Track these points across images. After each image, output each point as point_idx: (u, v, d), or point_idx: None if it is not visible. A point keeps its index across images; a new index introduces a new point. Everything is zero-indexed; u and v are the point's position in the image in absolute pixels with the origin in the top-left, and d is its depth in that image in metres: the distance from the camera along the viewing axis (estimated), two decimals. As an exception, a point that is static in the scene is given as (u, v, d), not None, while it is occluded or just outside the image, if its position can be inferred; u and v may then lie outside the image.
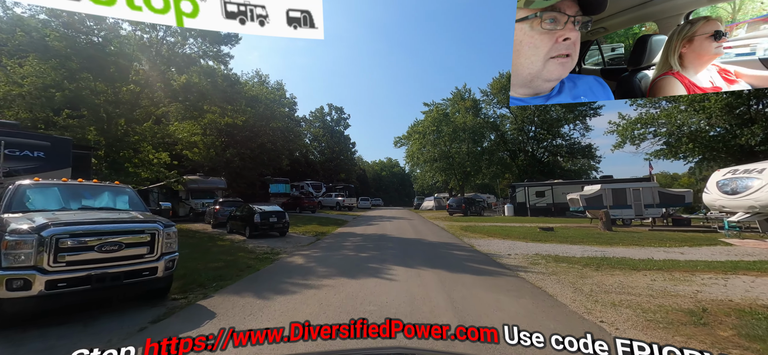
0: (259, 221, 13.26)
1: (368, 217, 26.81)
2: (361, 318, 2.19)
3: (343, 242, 12.47)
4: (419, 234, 14.91)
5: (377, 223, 21.01)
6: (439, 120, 36.58)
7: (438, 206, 39.71)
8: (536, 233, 15.37)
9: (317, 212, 29.87)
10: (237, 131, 26.78)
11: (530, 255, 9.89)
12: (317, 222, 20.18)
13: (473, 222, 22.03)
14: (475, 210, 29.51)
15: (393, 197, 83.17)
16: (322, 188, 41.16)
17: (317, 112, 65.12)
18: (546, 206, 27.67)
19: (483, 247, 11.55)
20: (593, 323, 4.41)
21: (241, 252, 9.98)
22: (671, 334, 4.04)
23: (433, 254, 9.66)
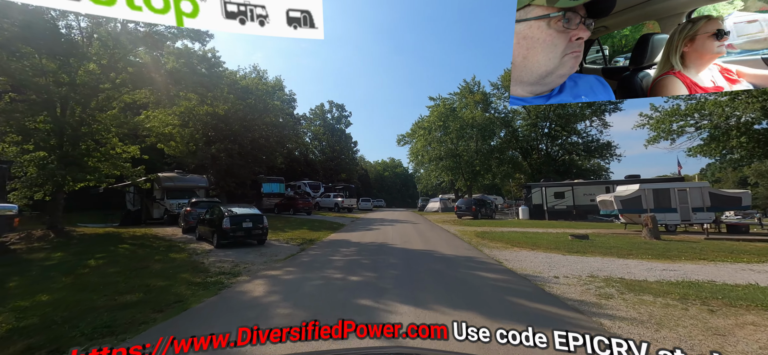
0: (228, 226, 10.62)
1: (368, 219, 24.14)
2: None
3: (332, 254, 9.79)
4: (428, 243, 12.21)
5: (378, 227, 18.33)
6: (445, 115, 33.81)
7: (444, 208, 36.94)
8: (568, 242, 12.65)
9: (313, 214, 27.25)
10: (224, 124, 24.22)
11: (584, 278, 7.18)
12: (309, 226, 17.54)
13: (487, 226, 19.28)
14: (486, 212, 26.74)
15: (396, 198, 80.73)
16: (320, 188, 38.58)
17: (317, 110, 62.60)
18: (566, 208, 24.85)
19: (513, 263, 8.82)
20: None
21: (189, 271, 7.34)
22: None
23: (451, 279, 6.93)
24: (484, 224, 20.61)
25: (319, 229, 16.69)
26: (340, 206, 32.64)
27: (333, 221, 21.17)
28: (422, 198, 44.97)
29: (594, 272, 7.78)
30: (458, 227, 19.35)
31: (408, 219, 24.68)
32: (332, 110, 62.92)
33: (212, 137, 25.26)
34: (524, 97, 3.10)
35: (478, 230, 17.37)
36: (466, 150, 34.13)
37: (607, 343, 1.80)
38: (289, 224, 18.50)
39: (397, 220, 23.63)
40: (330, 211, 32.84)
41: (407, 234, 14.95)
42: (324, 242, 12.49)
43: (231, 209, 11.44)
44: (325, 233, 15.13)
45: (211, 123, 24.30)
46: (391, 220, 23.49)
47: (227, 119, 24.72)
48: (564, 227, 19.13)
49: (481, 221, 23.05)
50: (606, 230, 17.27)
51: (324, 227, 17.88)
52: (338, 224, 19.93)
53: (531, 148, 35.61)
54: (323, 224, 19.36)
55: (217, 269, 7.68)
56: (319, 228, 16.99)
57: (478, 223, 21.68)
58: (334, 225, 18.95)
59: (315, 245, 11.92)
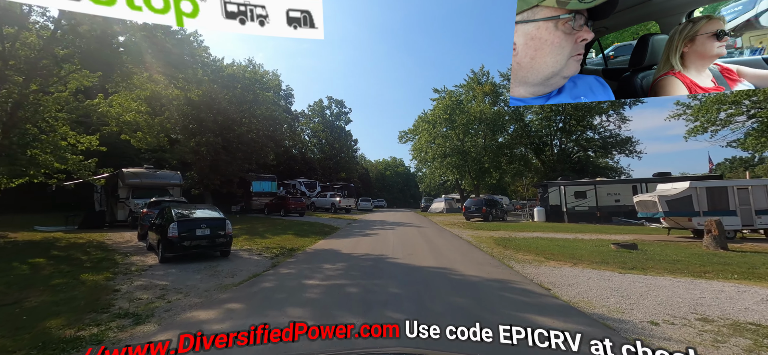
0: (175, 234, 7.99)
1: (367, 222, 21.51)
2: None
3: (310, 275, 7.13)
4: (439, 256, 9.56)
5: (376, 232, 15.69)
6: (451, 108, 31.06)
7: (449, 209, 34.27)
8: (614, 254, 10.06)
9: (307, 215, 24.67)
10: (206, 115, 21.64)
11: (693, 322, 4.56)
12: (296, 231, 14.91)
13: (503, 231, 16.61)
14: (497, 214, 24.06)
15: (397, 198, 78.14)
16: (316, 187, 36.01)
17: (316, 106, 60.04)
18: (588, 210, 22.11)
19: (566, 290, 6.17)
20: None
21: (74, 311, 4.72)
22: None
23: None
24: (499, 228, 17.93)
25: (306, 234, 14.07)
26: (337, 207, 30.04)
27: (326, 224, 18.56)
28: (425, 198, 42.28)
29: (696, 308, 5.15)
30: (470, 231, 16.68)
31: (411, 221, 22.01)
32: (331, 106, 60.33)
33: (194, 130, 22.72)
34: (525, 98, 3.08)
35: (495, 235, 14.70)
36: (474, 146, 31.42)
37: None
38: (274, 227, 15.89)
39: (398, 222, 20.97)
40: (327, 211, 30.28)
41: (411, 242, 12.29)
42: (306, 254, 9.85)
43: (183, 211, 8.82)
44: (312, 240, 12.50)
45: (191, 114, 21.74)
46: (392, 222, 20.84)
47: (210, 109, 22.16)
48: (592, 231, 16.42)
49: (494, 224, 20.37)
50: (647, 236, 14.57)
51: (314, 231, 15.25)
52: (331, 227, 17.30)
53: (543, 145, 32.79)
54: (314, 227, 16.74)
55: (127, 304, 5.06)
56: (307, 233, 14.37)
57: (491, 226, 18.99)
58: (326, 229, 16.32)
59: (294, 257, 9.28)
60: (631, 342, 1.74)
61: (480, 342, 1.99)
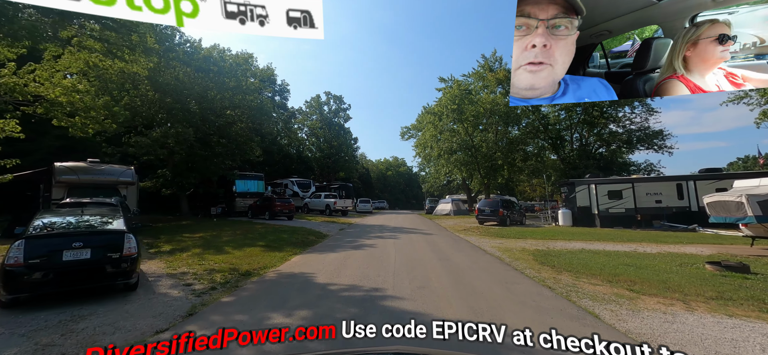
0: (19, 261, 4.64)
1: (365, 226, 18.14)
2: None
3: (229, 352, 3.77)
4: (467, 288, 6.19)
5: (374, 241, 12.32)
6: (460, 98, 27.64)
7: (456, 210, 30.85)
8: (719, 279, 6.78)
9: (297, 218, 21.34)
10: (174, 100, 18.36)
11: None
12: (269, 241, 11.53)
13: (530, 239, 13.20)
14: (515, 217, 20.64)
15: (399, 199, 74.90)
16: (310, 186, 32.68)
17: (313, 103, 56.67)
18: (624, 212, 18.63)
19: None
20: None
21: None
22: None
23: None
24: (524, 235, 14.50)
25: (282, 245, 10.70)
26: (332, 209, 26.69)
27: (314, 230, 15.21)
28: (430, 199, 38.82)
29: None
30: (491, 239, 13.27)
31: (416, 226, 18.61)
32: (329, 102, 56.90)
33: (161, 119, 19.43)
34: (526, 98, 3.03)
35: (527, 246, 11.30)
36: (485, 141, 27.98)
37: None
38: (245, 235, 12.54)
39: (401, 228, 17.58)
40: (321, 214, 26.97)
41: (420, 260, 8.88)
42: (261, 284, 6.46)
43: (52, 218, 5.48)
44: (284, 256, 9.12)
45: (156, 99, 18.45)
46: (393, 228, 17.45)
47: (181, 95, 18.86)
48: (641, 239, 12.96)
49: (514, 230, 16.95)
50: (733, 248, 11.12)
51: (294, 240, 11.89)
52: (319, 234, 13.95)
53: (562, 139, 29.24)
54: (297, 234, 13.38)
55: None
56: (283, 244, 11.00)
57: (513, 232, 15.56)
58: (312, 237, 12.95)
59: (236, 293, 5.89)
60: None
61: (533, 347, 1.92)
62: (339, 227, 17.36)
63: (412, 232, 15.50)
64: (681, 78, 2.73)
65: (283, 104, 50.13)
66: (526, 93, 2.91)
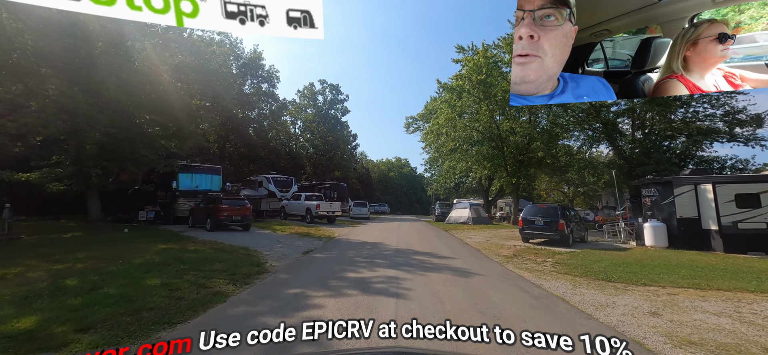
0: None
1: (350, 246, 11.49)
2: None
3: None
4: None
5: (352, 296, 5.62)
6: (488, 68, 20.71)
7: (476, 218, 24.14)
8: None
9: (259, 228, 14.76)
10: (46, 42, 11.80)
11: None
12: (130, 289, 4.88)
13: (695, 292, 6.47)
14: (577, 232, 13.91)
15: (402, 202, 68.19)
16: (291, 185, 26.07)
17: (306, 92, 50.03)
18: (766, 228, 11.80)
19: None
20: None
21: None
22: None
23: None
24: (622, 270, 7.74)
25: (141, 302, 4.07)
26: (313, 214, 20.03)
27: (257, 255, 8.59)
28: (440, 204, 32.02)
29: None
30: (577, 281, 6.57)
31: (432, 246, 11.84)
32: (325, 92, 50.17)
33: (45, 74, 12.86)
34: (527, 97, 3.02)
35: (685, 312, 4.58)
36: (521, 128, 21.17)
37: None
38: (129, 267, 5.89)
39: (409, 249, 10.80)
40: (302, 220, 20.42)
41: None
42: None
43: None
44: None
45: (30, 46, 11.87)
46: (395, 250, 10.67)
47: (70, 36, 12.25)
48: None
49: (589, 255, 10.21)
50: None
51: (180, 291, 5.25)
52: (255, 267, 7.27)
53: (616, 130, 22.11)
54: (209, 267, 6.75)
55: None
56: (150, 297, 4.37)
57: (597, 263, 8.76)
58: (226, 286, 6.26)
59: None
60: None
61: (531, 347, 1.90)
62: (308, 247, 10.66)
63: (431, 263, 8.73)
64: (680, 78, 2.75)
65: (271, 93, 43.32)
66: (520, 88, 2.83)
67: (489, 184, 32.45)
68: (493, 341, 1.93)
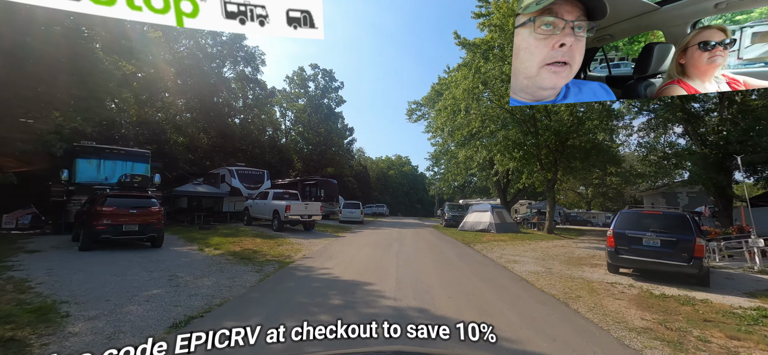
0: None
1: (307, 289, 5.93)
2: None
3: None
4: None
5: None
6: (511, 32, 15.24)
7: (500, 224, 18.59)
8: None
9: (196, 241, 9.27)
10: None
11: None
12: None
13: None
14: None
15: (402, 203, 62.66)
16: (264, 179, 20.43)
17: (296, 78, 44.19)
18: None
19: None
20: None
21: None
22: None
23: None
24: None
25: None
26: (281, 218, 14.38)
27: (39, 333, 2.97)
28: (450, 206, 26.36)
29: None
30: None
31: (466, 286, 6.10)
32: (317, 78, 44.34)
33: None
34: (523, 101, 2.98)
35: None
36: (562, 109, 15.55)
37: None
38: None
39: (424, 310, 5.11)
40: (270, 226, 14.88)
41: None
42: None
43: None
44: None
45: None
46: (392, 312, 5.03)
47: None
48: None
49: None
50: None
51: None
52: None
53: (697, 109, 16.29)
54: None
55: None
56: None
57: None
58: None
59: None
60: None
61: (480, 342, 1.89)
62: (204, 302, 5.04)
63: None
64: (680, 82, 2.69)
65: (256, 79, 37.31)
66: (544, 94, 2.73)
67: (507, 181, 26.80)
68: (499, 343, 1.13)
